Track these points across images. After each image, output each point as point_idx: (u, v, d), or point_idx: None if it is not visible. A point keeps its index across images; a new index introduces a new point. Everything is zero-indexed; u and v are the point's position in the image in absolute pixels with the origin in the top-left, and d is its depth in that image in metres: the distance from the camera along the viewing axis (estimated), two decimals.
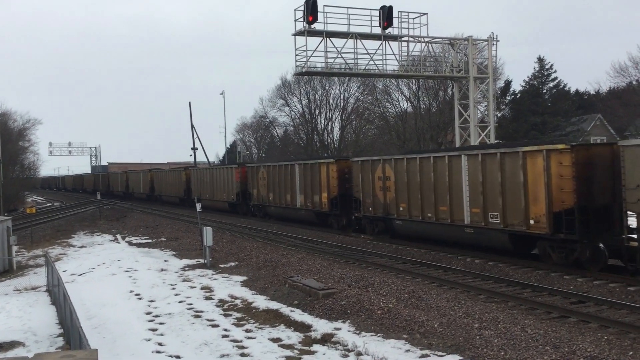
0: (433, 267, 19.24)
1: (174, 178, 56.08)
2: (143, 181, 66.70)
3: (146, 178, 65.82)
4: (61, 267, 23.49)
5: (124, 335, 13.70)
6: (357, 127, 69.01)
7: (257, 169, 37.78)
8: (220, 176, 44.46)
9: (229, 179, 42.42)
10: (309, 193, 31.76)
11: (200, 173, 49.70)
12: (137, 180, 69.92)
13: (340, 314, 14.28)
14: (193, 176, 50.86)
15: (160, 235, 33.73)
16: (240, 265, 22.12)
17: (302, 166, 32.55)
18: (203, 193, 47.49)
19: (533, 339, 11.28)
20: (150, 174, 64.62)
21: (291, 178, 33.81)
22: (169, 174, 58.73)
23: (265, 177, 36.66)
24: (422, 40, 31.77)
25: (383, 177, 25.02)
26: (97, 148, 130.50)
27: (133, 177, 72.87)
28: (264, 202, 37.16)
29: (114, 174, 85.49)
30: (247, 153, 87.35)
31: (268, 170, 36.42)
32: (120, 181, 77.49)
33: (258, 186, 37.70)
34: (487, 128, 33.48)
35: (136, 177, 71.25)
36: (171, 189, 56.71)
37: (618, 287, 15.29)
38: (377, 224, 26.24)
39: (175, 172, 56.43)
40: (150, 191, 63.69)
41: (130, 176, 74.77)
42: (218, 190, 44.93)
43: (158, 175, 62.84)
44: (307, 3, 28.07)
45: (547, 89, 51.50)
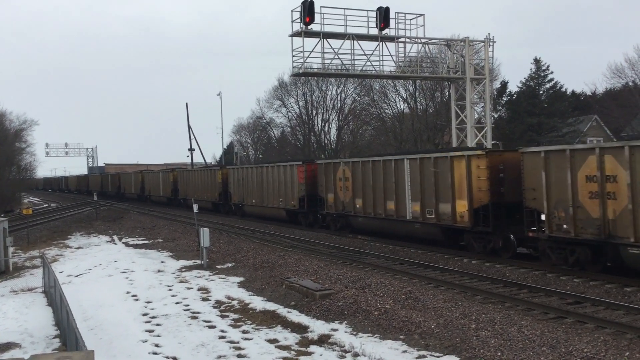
0: (430, 268, 19.26)
1: (207, 179, 47.85)
2: (163, 182, 59.08)
3: (167, 178, 57.69)
4: (58, 268, 23.44)
5: (121, 337, 13.67)
6: (354, 128, 69.05)
7: (335, 167, 29.09)
8: (274, 176, 35.51)
9: (289, 179, 33.84)
10: (431, 200, 22.44)
11: (243, 173, 40.70)
12: (155, 181, 61.94)
13: (337, 315, 14.27)
14: (232, 176, 42.79)
15: (157, 236, 33.69)
16: (237, 266, 22.11)
17: (419, 161, 23.10)
18: (246, 197, 40.14)
19: (530, 339, 11.29)
20: (173, 173, 56.46)
21: (397, 178, 24.24)
22: (200, 174, 50.40)
23: (350, 177, 27.59)
24: (419, 41, 31.81)
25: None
26: (94, 149, 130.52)
27: (151, 178, 64.42)
28: (346, 211, 27.97)
29: (126, 174, 78.08)
30: (244, 154, 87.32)
31: (354, 167, 27.42)
32: (135, 182, 69.56)
33: (336, 189, 28.69)
34: (484, 129, 33.53)
35: (154, 178, 63.04)
36: (203, 192, 48.99)
37: (614, 287, 15.32)
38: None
39: (209, 172, 48.14)
40: (173, 194, 55.59)
41: (146, 177, 66.52)
42: (271, 194, 36.08)
43: (183, 175, 55.05)
44: (304, 4, 28.08)
45: (544, 90, 51.53)
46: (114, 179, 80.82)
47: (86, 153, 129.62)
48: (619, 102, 50.43)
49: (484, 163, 19.67)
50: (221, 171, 44.33)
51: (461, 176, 20.49)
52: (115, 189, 78.02)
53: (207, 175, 47.44)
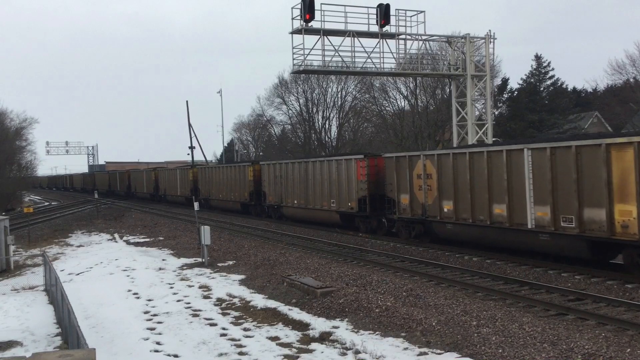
0: (431, 265, 19.27)
1: (235, 176, 41.82)
2: (181, 180, 52.90)
3: (185, 177, 51.59)
4: (59, 267, 23.46)
5: (122, 335, 13.68)
6: (355, 125, 69.04)
7: (411, 161, 23.73)
8: (324, 173, 30.22)
9: (344, 177, 28.42)
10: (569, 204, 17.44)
11: (281, 169, 35.02)
12: (171, 180, 56.06)
13: (339, 313, 14.28)
14: (266, 173, 37.05)
15: (158, 234, 33.71)
16: (238, 263, 22.12)
17: (549, 152, 17.82)
18: (285, 197, 34.61)
19: (531, 336, 11.29)
20: (193, 171, 50.61)
21: (510, 174, 19.10)
22: (226, 171, 43.78)
23: (433, 173, 22.42)
24: (420, 38, 31.77)
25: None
26: (95, 147, 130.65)
27: (166, 177, 58.20)
28: (428, 215, 22.88)
29: (137, 172, 72.47)
30: (244, 152, 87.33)
31: (441, 161, 22.05)
32: (147, 180, 63.96)
33: (412, 188, 23.59)
34: (485, 126, 33.51)
35: (170, 176, 56.78)
36: (229, 191, 42.63)
37: (615, 284, 15.32)
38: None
39: (238, 169, 41.89)
40: (193, 193, 48.48)
41: (161, 175, 60.45)
42: (319, 194, 30.84)
43: (205, 173, 48.55)
44: (305, 1, 28.03)
45: (545, 87, 51.49)
46: (123, 177, 75.24)
47: (87, 151, 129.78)
48: (619, 99, 50.38)
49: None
50: (252, 167, 38.98)
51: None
52: (125, 188, 73.29)
53: (235, 172, 41.70)
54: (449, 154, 21.87)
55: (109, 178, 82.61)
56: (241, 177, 40.79)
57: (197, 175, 49.92)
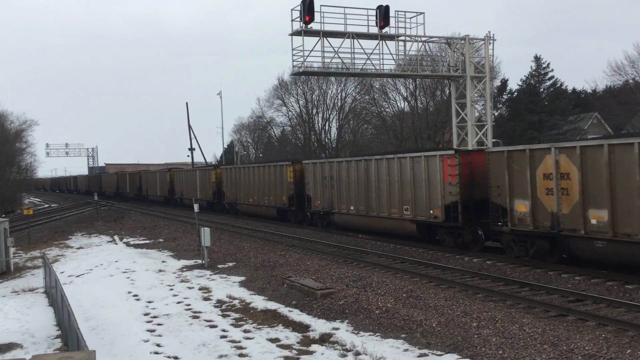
0: (431, 267, 19.27)
1: (272, 177, 36.20)
2: (202, 182, 47.34)
3: (207, 178, 46.38)
4: (59, 269, 23.45)
5: (122, 336, 13.68)
6: (355, 126, 69.04)
7: (534, 157, 18.18)
8: (413, 170, 23.62)
9: (423, 177, 22.99)
10: None
11: (334, 168, 29.19)
12: (189, 182, 50.44)
13: (339, 314, 14.27)
14: (311, 173, 31.50)
15: (158, 236, 33.70)
16: (238, 265, 22.11)
17: None
18: (341, 203, 28.51)
19: (531, 337, 11.29)
20: (217, 171, 45.28)
21: None
22: (263, 171, 37.60)
23: (573, 171, 16.89)
24: (419, 40, 31.76)
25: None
26: (95, 149, 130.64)
27: (183, 178, 52.74)
28: (559, 227, 17.43)
29: (149, 173, 66.79)
30: (244, 153, 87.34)
31: (592, 156, 16.51)
32: (161, 182, 58.52)
33: (536, 192, 18.07)
34: (485, 127, 33.50)
35: (188, 177, 51.27)
36: (269, 195, 36.46)
37: (616, 285, 15.32)
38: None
39: (275, 169, 35.87)
40: (216, 197, 44.73)
41: (177, 176, 54.86)
42: (385, 199, 25.18)
43: (232, 174, 42.24)
44: (304, 3, 28.02)
45: (544, 88, 51.49)
46: (134, 179, 69.91)
47: (86, 153, 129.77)
48: (619, 100, 50.41)
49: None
50: (293, 167, 33.56)
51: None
52: (136, 190, 68.15)
53: (270, 172, 36.22)
54: (602, 146, 16.08)
55: (117, 180, 77.80)
56: (278, 178, 35.44)
57: (221, 176, 44.53)
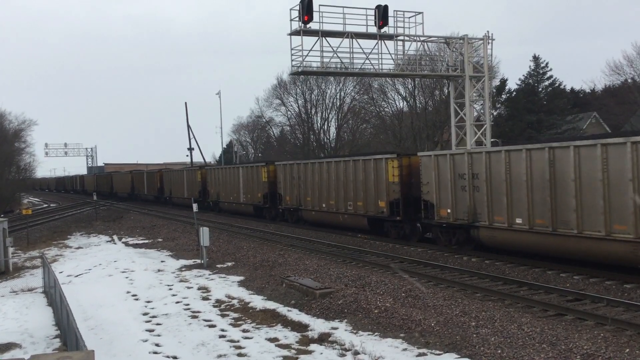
0: (430, 266, 19.28)
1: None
2: (246, 183, 39.08)
3: (253, 177, 37.87)
4: (57, 269, 23.44)
5: (121, 336, 13.68)
6: (354, 126, 69.06)
7: None
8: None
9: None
10: None
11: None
12: (229, 182, 42.30)
13: (338, 314, 14.28)
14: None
15: (156, 235, 33.69)
16: (237, 265, 22.11)
17: None
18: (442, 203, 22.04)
19: (530, 337, 11.30)
20: (268, 169, 36.14)
21: None
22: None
23: None
24: (418, 40, 31.76)
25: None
26: (94, 149, 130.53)
27: (219, 178, 44.29)
28: None
29: (172, 172, 57.95)
30: (243, 153, 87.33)
31: None
32: (189, 182, 50.34)
33: None
34: (483, 127, 33.52)
35: (227, 176, 42.83)
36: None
37: (614, 284, 15.34)
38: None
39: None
40: (268, 200, 36.04)
41: (210, 175, 46.26)
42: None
43: (291, 170, 33.96)
44: (303, 3, 28.02)
45: (543, 88, 51.52)
46: (152, 179, 61.09)
47: (85, 153, 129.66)
48: (618, 99, 50.44)
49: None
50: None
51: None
52: (155, 192, 59.89)
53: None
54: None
55: (132, 179, 68.77)
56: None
57: (275, 175, 35.47)
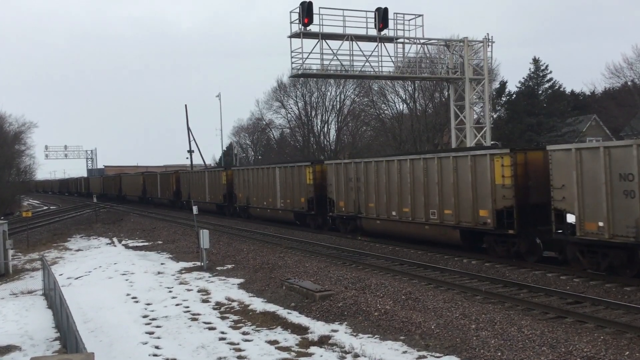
0: (430, 269, 19.26)
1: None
2: (285, 185, 34.05)
3: (295, 178, 32.87)
4: (57, 271, 23.43)
5: (121, 339, 13.67)
6: (353, 129, 69.09)
7: None
8: None
9: None
10: None
11: None
12: (264, 186, 36.46)
13: (337, 316, 14.27)
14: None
15: (156, 238, 33.67)
16: (237, 267, 22.10)
17: None
18: None
19: (530, 339, 11.30)
20: (313, 169, 31.54)
21: None
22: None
23: None
24: (418, 42, 31.82)
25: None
26: (94, 151, 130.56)
27: (249, 179, 38.41)
28: None
29: (190, 174, 51.60)
30: (243, 155, 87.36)
31: None
32: (212, 186, 44.80)
33: None
34: (483, 129, 33.54)
35: (259, 178, 37.11)
36: None
37: (614, 287, 15.33)
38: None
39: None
40: (314, 206, 31.24)
41: (239, 177, 40.12)
42: None
43: (338, 170, 29.62)
44: (303, 5, 28.09)
45: (543, 90, 51.57)
46: (167, 181, 53.70)
47: (85, 155, 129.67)
48: (618, 102, 50.45)
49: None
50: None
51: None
52: (171, 196, 53.12)
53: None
54: None
55: (144, 181, 59.65)
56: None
57: (322, 176, 31.47)
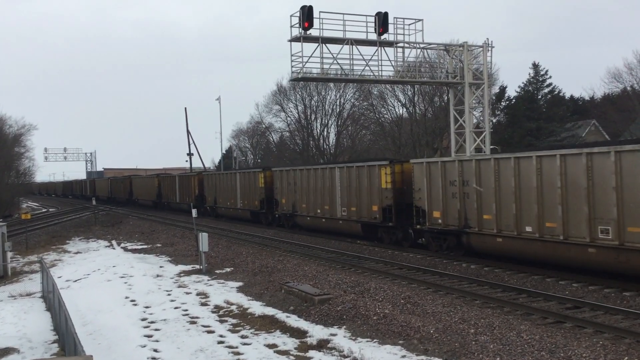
0: (429, 273, 19.26)
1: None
2: (345, 186, 28.37)
3: (364, 179, 26.92)
4: (56, 273, 23.42)
5: (119, 342, 13.65)
6: (353, 132, 69.14)
7: None
8: None
9: None
10: None
11: None
12: (314, 189, 31.07)
13: (336, 320, 14.26)
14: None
15: (155, 241, 33.65)
16: (236, 271, 22.09)
17: None
18: None
19: (529, 344, 11.29)
20: (401, 168, 25.75)
21: None
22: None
23: None
24: (418, 46, 31.83)
25: None
26: (93, 154, 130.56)
27: (292, 181, 33.22)
28: None
29: (217, 175, 45.58)
30: (242, 159, 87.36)
31: None
32: (244, 187, 39.17)
33: None
34: (483, 134, 33.56)
35: (306, 179, 31.86)
36: None
37: (613, 292, 15.34)
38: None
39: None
40: (388, 217, 25.11)
41: (280, 178, 34.59)
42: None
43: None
44: (303, 9, 28.11)
45: (542, 95, 51.63)
46: (186, 184, 47.81)
47: (85, 158, 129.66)
48: (617, 107, 50.50)
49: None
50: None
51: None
52: (192, 200, 46.81)
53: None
54: None
55: (159, 184, 53.42)
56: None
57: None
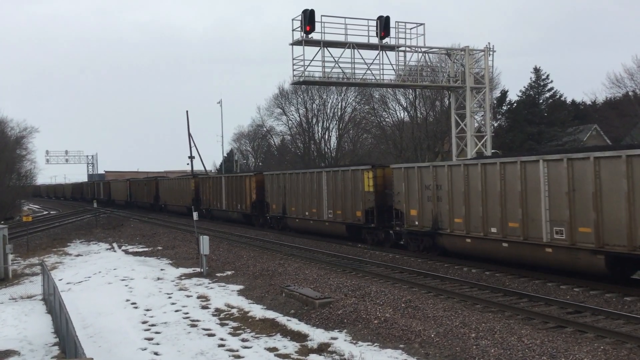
0: (430, 277, 19.25)
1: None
2: None
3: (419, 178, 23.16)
4: (57, 276, 23.41)
5: (120, 344, 13.65)
6: (354, 136, 69.18)
7: None
8: None
9: None
10: None
11: None
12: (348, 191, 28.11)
13: (337, 324, 14.25)
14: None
15: (156, 244, 33.65)
16: (237, 274, 22.08)
17: None
18: None
19: (530, 349, 11.28)
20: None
21: None
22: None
23: None
24: (419, 50, 31.88)
25: None
26: (94, 156, 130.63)
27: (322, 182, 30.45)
28: None
29: (287, 175, 35.25)
30: (244, 162, 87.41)
31: None
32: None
33: None
34: (484, 138, 33.58)
35: (341, 179, 28.79)
36: None
37: (614, 297, 15.31)
38: None
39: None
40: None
41: (299, 179, 32.71)
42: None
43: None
44: (305, 13, 28.18)
45: (543, 99, 51.64)
46: (237, 187, 40.87)
47: (86, 160, 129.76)
48: (618, 112, 50.48)
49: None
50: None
51: None
52: (247, 209, 39.52)
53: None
54: None
55: (196, 187, 49.05)
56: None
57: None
